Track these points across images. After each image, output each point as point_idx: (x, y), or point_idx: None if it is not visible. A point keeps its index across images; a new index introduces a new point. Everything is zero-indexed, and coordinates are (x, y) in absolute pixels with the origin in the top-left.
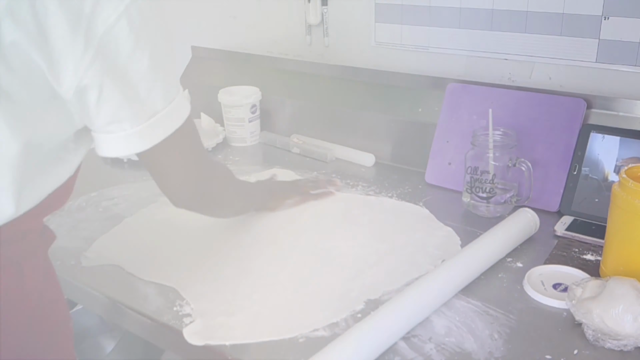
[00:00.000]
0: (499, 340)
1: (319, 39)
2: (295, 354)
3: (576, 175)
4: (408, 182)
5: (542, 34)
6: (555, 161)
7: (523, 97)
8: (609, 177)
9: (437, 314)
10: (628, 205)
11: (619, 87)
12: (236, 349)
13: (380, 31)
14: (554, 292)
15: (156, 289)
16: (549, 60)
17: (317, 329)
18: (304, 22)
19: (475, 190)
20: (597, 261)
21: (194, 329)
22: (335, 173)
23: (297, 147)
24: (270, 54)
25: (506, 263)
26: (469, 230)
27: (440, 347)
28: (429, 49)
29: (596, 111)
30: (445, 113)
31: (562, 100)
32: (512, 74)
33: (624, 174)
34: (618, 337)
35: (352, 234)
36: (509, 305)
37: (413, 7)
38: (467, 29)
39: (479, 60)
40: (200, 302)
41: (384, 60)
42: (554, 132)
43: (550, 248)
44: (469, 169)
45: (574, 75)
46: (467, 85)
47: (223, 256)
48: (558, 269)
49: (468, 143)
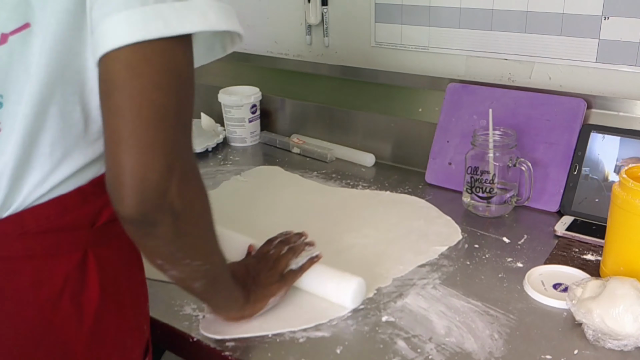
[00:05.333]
0: (499, 340)
1: (319, 39)
2: (295, 353)
3: (576, 175)
4: (408, 182)
5: (542, 34)
6: (556, 161)
7: (523, 97)
8: (609, 177)
9: (438, 314)
10: (628, 205)
11: (619, 87)
12: (236, 349)
13: (380, 31)
14: (554, 292)
15: (157, 289)
16: (549, 60)
17: (332, 318)
18: (304, 22)
19: (475, 190)
20: (597, 261)
21: (210, 323)
22: (335, 173)
23: (297, 147)
24: (270, 54)
25: (506, 263)
26: (469, 230)
27: (441, 347)
28: (429, 49)
29: (596, 111)
30: (445, 113)
31: (562, 100)
32: (512, 74)
33: (624, 174)
34: (618, 337)
35: (355, 226)
36: (509, 305)
37: (413, 7)
38: (467, 29)
39: (479, 60)
40: None
41: (384, 60)
42: (554, 132)
43: (551, 248)
44: (469, 169)
45: (574, 75)
46: (467, 85)
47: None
48: (558, 269)
49: (468, 143)
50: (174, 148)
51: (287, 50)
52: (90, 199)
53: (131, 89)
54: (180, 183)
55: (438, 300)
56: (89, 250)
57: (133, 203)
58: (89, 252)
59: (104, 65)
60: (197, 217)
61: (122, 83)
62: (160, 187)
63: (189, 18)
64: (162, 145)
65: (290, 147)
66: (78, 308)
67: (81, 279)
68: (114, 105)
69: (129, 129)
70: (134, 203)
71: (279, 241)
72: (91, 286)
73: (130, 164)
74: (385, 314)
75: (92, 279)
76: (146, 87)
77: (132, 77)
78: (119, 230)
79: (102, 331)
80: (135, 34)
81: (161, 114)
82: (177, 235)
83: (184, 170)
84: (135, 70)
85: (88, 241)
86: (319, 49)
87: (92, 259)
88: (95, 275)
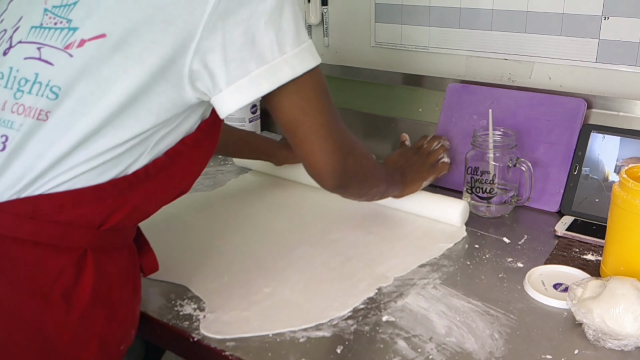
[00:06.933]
0: (499, 340)
1: (319, 39)
2: (296, 353)
3: (576, 175)
4: None
5: (542, 34)
6: (556, 161)
7: (523, 97)
8: (609, 177)
9: (438, 313)
10: (628, 205)
11: (619, 87)
12: (237, 349)
13: (380, 31)
14: (555, 292)
15: (157, 289)
16: (549, 60)
17: (333, 318)
18: (304, 22)
19: (475, 190)
20: (597, 261)
21: (211, 323)
22: None
23: None
24: None
25: (506, 263)
26: (469, 230)
27: (441, 347)
28: (429, 49)
29: (596, 111)
30: (445, 113)
31: (562, 100)
32: (512, 74)
33: (624, 174)
34: (619, 337)
35: (358, 224)
36: (509, 305)
37: (413, 7)
38: (467, 29)
39: (479, 60)
40: (212, 298)
41: (384, 60)
42: (554, 132)
43: (551, 248)
44: (469, 169)
45: (574, 75)
46: (467, 85)
47: (231, 252)
48: (558, 269)
49: (468, 143)
50: (341, 143)
51: None
52: (105, 198)
53: (305, 122)
54: (352, 161)
55: (438, 300)
56: (89, 251)
57: (331, 183)
58: (88, 252)
59: (277, 112)
60: (367, 172)
61: (299, 121)
62: (343, 168)
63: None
64: (334, 147)
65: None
66: (67, 304)
67: (76, 276)
68: (300, 136)
69: (315, 144)
70: (332, 183)
71: (432, 137)
72: (84, 285)
73: (322, 164)
74: (385, 313)
75: (86, 279)
76: (314, 117)
77: (302, 114)
78: (121, 241)
79: (87, 332)
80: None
81: (327, 128)
82: (361, 186)
83: (350, 150)
84: (303, 108)
85: (91, 242)
86: (319, 49)
87: (91, 260)
88: (89, 276)
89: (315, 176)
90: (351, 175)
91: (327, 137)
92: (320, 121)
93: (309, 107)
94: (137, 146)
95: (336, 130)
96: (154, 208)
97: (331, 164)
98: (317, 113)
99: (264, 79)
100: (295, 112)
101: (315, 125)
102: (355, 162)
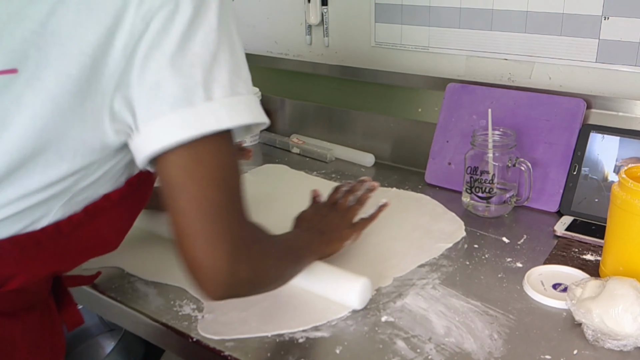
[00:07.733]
0: (498, 341)
1: (319, 39)
2: (295, 354)
3: (576, 175)
4: (408, 182)
5: (542, 34)
6: (555, 161)
7: (523, 97)
8: (608, 177)
9: (437, 314)
10: (628, 205)
11: (619, 87)
12: (236, 349)
13: (380, 31)
14: (554, 292)
15: (157, 289)
16: (549, 60)
17: (332, 319)
18: (304, 22)
19: (475, 190)
20: (596, 261)
21: (209, 323)
22: (334, 173)
23: (297, 147)
24: (270, 54)
25: (506, 263)
26: (469, 230)
27: (440, 347)
28: (428, 49)
29: (596, 111)
30: (445, 113)
31: (562, 100)
32: (512, 74)
33: (624, 174)
34: (618, 337)
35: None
36: (508, 305)
37: (413, 7)
38: (467, 29)
39: (479, 60)
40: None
41: (383, 60)
42: (554, 132)
43: (550, 248)
44: (469, 169)
45: (573, 75)
46: (467, 85)
47: None
48: (558, 269)
49: (468, 143)
50: (233, 233)
51: (287, 50)
52: (4, 257)
53: (190, 191)
54: (247, 259)
55: (437, 300)
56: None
57: (213, 288)
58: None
59: (163, 169)
60: (271, 270)
61: (182, 187)
62: (232, 269)
63: (238, 112)
64: (223, 234)
65: (290, 147)
66: None
67: None
68: (179, 207)
69: (195, 226)
70: (213, 288)
71: (345, 190)
72: None
73: (202, 256)
74: (384, 314)
75: None
76: (203, 187)
77: (190, 181)
78: (29, 302)
79: None
80: (188, 132)
81: (218, 208)
82: (259, 288)
83: (246, 244)
84: (192, 173)
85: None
86: (319, 49)
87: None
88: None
89: (194, 279)
90: (245, 283)
91: (217, 226)
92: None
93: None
94: (48, 199)
95: (232, 219)
96: (71, 266)
97: (217, 268)
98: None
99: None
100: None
101: (207, 208)
102: (255, 258)
